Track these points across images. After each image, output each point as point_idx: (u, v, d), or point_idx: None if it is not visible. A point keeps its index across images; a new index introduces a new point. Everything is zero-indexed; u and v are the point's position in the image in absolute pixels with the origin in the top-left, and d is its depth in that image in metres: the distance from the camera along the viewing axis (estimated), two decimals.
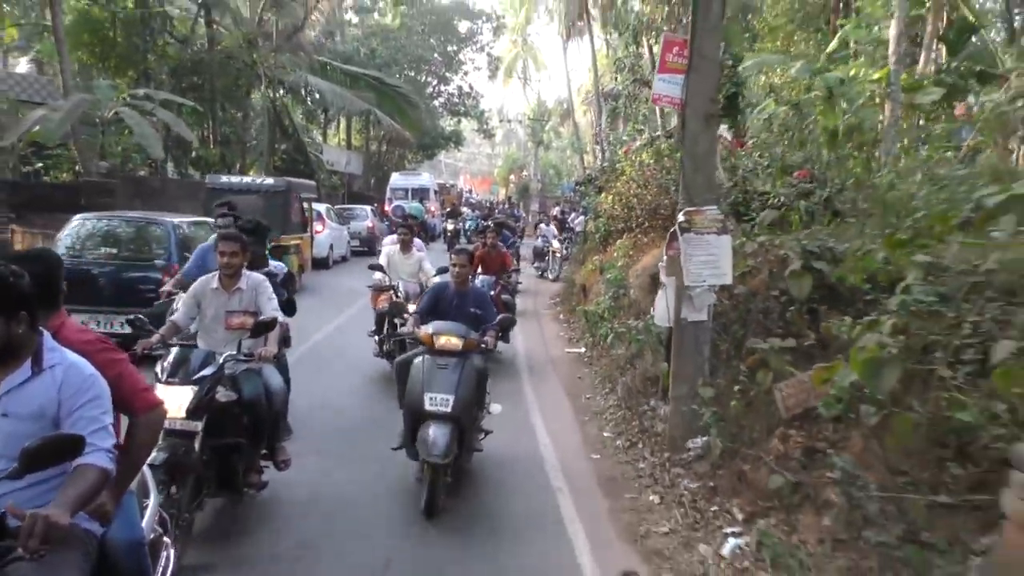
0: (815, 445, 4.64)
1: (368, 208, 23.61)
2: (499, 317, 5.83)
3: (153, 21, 19.65)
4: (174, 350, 4.32)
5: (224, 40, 22.27)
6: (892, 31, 8.84)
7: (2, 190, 13.11)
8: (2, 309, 2.29)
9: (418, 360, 5.22)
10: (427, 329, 5.32)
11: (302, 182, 15.83)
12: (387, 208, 27.54)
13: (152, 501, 3.03)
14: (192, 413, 4.01)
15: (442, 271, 8.13)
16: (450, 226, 24.09)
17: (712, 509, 4.90)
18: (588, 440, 6.72)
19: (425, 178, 31.51)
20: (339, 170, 31.57)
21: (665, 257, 6.24)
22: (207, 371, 4.18)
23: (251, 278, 4.85)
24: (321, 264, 17.70)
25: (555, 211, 29.61)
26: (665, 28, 14.77)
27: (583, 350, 10.36)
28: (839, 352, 4.56)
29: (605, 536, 4.82)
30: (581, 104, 40.19)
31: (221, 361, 4.30)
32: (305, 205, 15.27)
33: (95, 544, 2.46)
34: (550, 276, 18.90)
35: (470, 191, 46.13)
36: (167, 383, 4.05)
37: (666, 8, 15.39)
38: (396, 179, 30.84)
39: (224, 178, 14.21)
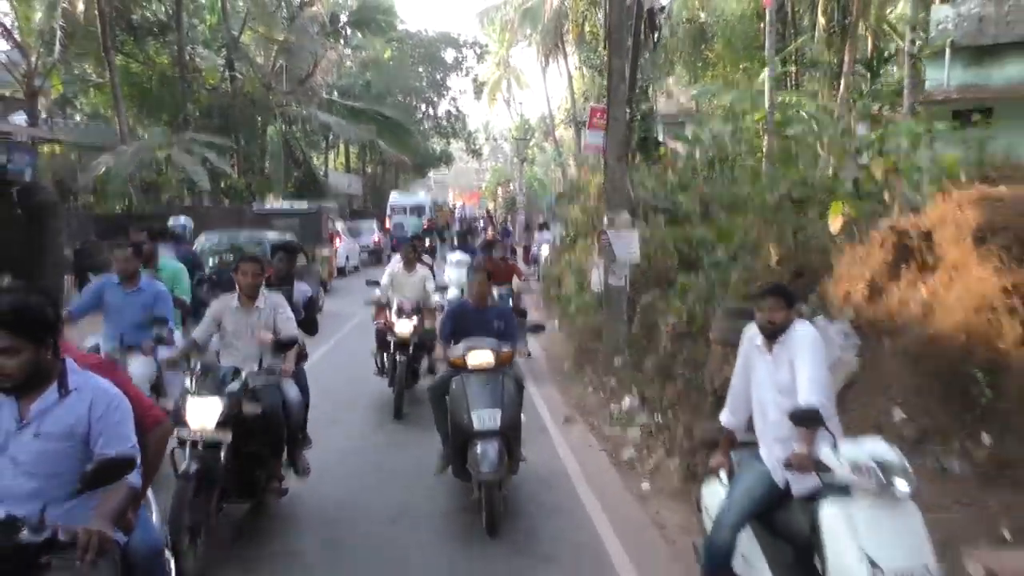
0: (680, 348, 8.04)
1: (374, 224, 27.02)
2: (530, 324, 6.22)
3: (189, 75, 23.02)
4: (199, 366, 4.65)
5: (244, 85, 25.69)
6: (767, 80, 12.28)
7: (98, 223, 16.41)
8: (34, 338, 2.44)
9: (456, 381, 5.19)
10: (457, 351, 5.31)
11: (328, 205, 19.32)
12: (388, 224, 30.94)
13: (155, 512, 3.16)
14: (221, 425, 4.32)
15: (441, 289, 8.57)
16: (427, 241, 27.31)
17: (616, 387, 8.34)
18: (552, 363, 10.20)
19: (421, 196, 34.99)
20: (342, 192, 35.02)
21: (596, 245, 9.66)
22: (234, 386, 4.48)
23: (270, 298, 5.12)
24: (339, 272, 21.09)
25: (540, 221, 33.12)
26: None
27: (555, 321, 13.75)
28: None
29: (561, 412, 8.23)
30: (560, 122, 43.67)
31: (244, 377, 4.61)
32: (329, 224, 18.70)
33: (119, 553, 2.59)
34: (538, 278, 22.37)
35: (463, 206, 49.48)
36: (199, 397, 4.37)
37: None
38: (395, 197, 34.23)
39: (269, 205, 17.66)
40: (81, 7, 20.94)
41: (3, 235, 13.24)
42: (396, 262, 8.73)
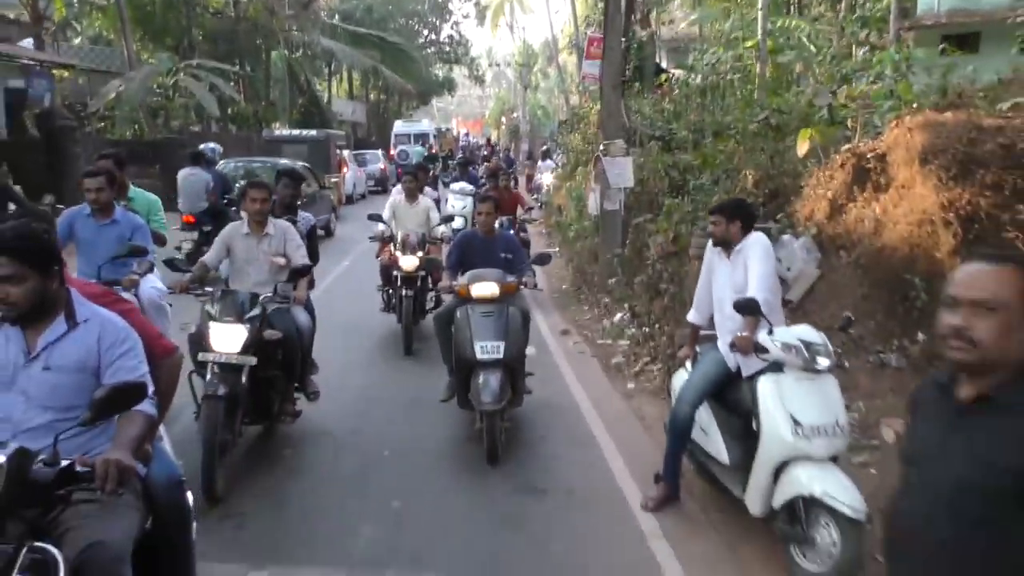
0: (666, 267, 8.71)
1: (379, 152, 27.45)
2: (536, 254, 6.10)
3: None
4: (219, 292, 4.76)
5: (248, 10, 25.75)
6: (759, 9, 12.58)
7: (113, 147, 16.93)
8: (39, 266, 2.39)
9: (461, 311, 5.20)
10: (461, 281, 5.32)
11: (336, 132, 19.81)
12: (392, 152, 31.30)
13: (167, 444, 3.14)
14: (245, 349, 4.47)
15: (447, 220, 8.32)
16: (430, 172, 27.45)
17: (609, 303, 9.07)
18: (552, 284, 10.90)
19: (425, 124, 35.23)
20: (346, 119, 35.26)
21: (593, 172, 10.25)
22: (255, 312, 4.63)
23: (278, 225, 5.19)
24: (347, 200, 21.66)
25: (544, 149, 33.47)
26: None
27: (557, 249, 14.42)
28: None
29: (559, 327, 8.97)
30: (563, 48, 43.39)
31: (262, 301, 4.74)
32: (336, 152, 19.19)
33: (140, 483, 2.55)
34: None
35: (467, 134, 49.56)
36: (223, 321, 4.52)
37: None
38: (399, 126, 34.50)
39: (277, 132, 18.17)
40: None
41: (24, 159, 13.84)
42: (397, 193, 8.35)
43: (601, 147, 9.87)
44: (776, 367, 3.94)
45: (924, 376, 5.15)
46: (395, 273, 7.58)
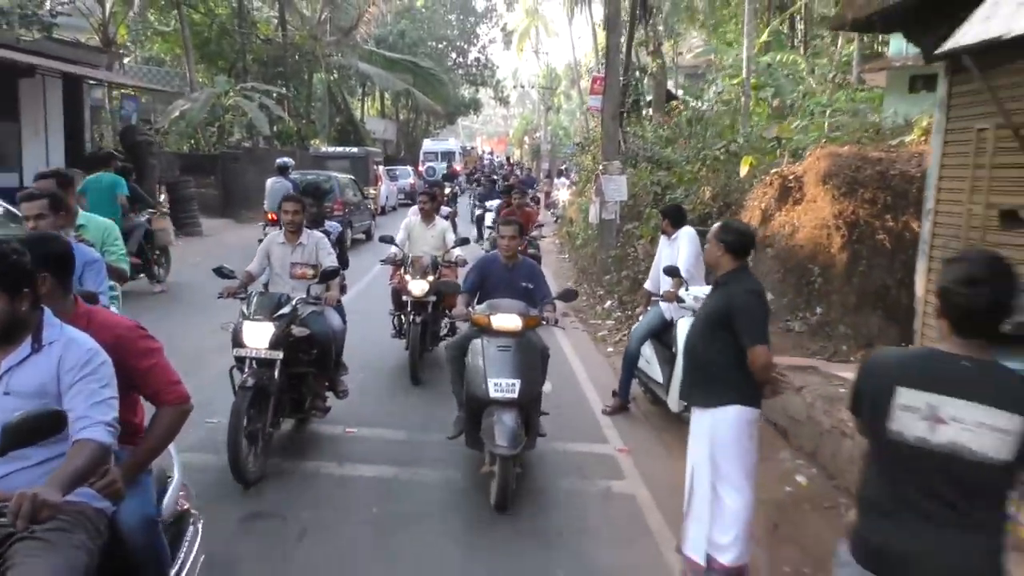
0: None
1: (409, 169, 29.75)
2: (563, 290, 5.72)
3: (247, 26, 25.61)
4: (254, 294, 5.11)
5: (294, 36, 28.24)
6: (744, 53, 14.65)
7: (182, 159, 19.30)
8: (7, 287, 2.29)
9: (476, 342, 4.90)
10: (480, 310, 5.05)
11: (374, 150, 22.16)
12: (420, 168, 33.58)
13: (176, 477, 3.04)
14: (273, 345, 4.79)
15: (462, 242, 7.84)
16: (447, 189, 27.82)
17: (602, 294, 11.12)
18: (559, 283, 12.96)
19: (451, 143, 37.59)
20: (378, 137, 37.66)
21: (594, 187, 12.33)
22: (284, 311, 4.95)
23: (312, 235, 5.59)
24: (381, 211, 23.91)
25: (562, 168, 35.79)
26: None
27: (565, 255, 16.50)
28: None
29: (560, 311, 11.02)
30: (585, 71, 45.67)
31: (294, 303, 5.05)
32: (374, 167, 21.47)
33: (105, 522, 2.43)
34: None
35: (491, 152, 51.90)
36: (253, 319, 4.86)
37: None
38: (427, 144, 36.85)
39: (324, 148, 20.48)
40: None
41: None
42: (413, 214, 8.01)
43: (600, 166, 11.96)
44: (692, 314, 5.99)
45: (816, 337, 7.19)
46: (405, 298, 7.28)
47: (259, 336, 4.81)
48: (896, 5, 5.03)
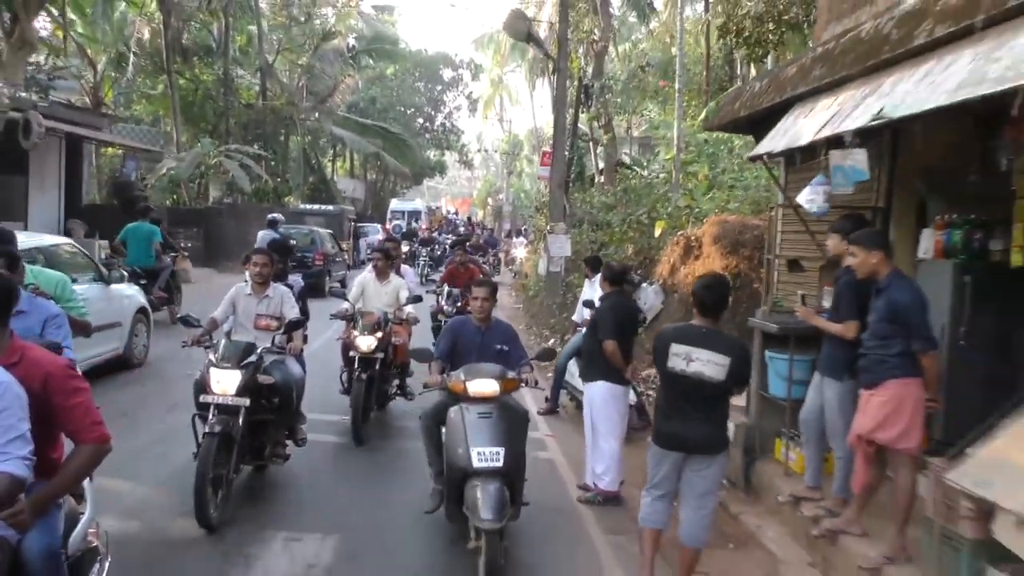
0: None
1: (378, 226, 31.74)
2: (539, 350, 5.66)
3: (231, 93, 27.70)
4: (221, 342, 5.30)
5: (273, 102, 30.38)
6: (675, 132, 17.01)
7: (170, 213, 21.02)
8: None
9: (454, 410, 4.70)
10: (457, 377, 4.84)
11: (348, 208, 24.09)
12: (388, 227, 35.57)
13: (88, 512, 3.05)
14: (240, 392, 4.97)
15: (414, 300, 7.67)
16: (405, 247, 27.10)
17: (548, 334, 13.07)
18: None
19: (418, 203, 39.77)
20: (348, 195, 39.64)
21: (543, 244, 14.41)
22: (251, 359, 5.15)
23: (278, 288, 5.85)
24: (348, 265, 25.82)
25: (521, 228, 38.19)
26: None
27: (520, 305, 18.48)
28: None
29: None
30: (546, 139, 48.51)
31: (260, 351, 5.26)
32: (348, 223, 23.41)
33: (8, 551, 2.51)
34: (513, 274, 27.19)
35: (456, 212, 54.30)
36: (221, 366, 5.04)
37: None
38: (395, 204, 38.94)
39: (303, 205, 22.34)
40: (147, 35, 25.65)
41: (107, 225, 17.81)
42: (368, 271, 8.01)
43: (548, 227, 14.04)
44: None
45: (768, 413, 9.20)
46: (352, 353, 7.15)
47: (227, 383, 4.99)
48: (732, 121, 7.20)
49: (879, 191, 6.16)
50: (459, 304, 9.67)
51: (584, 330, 8.21)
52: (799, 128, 5.49)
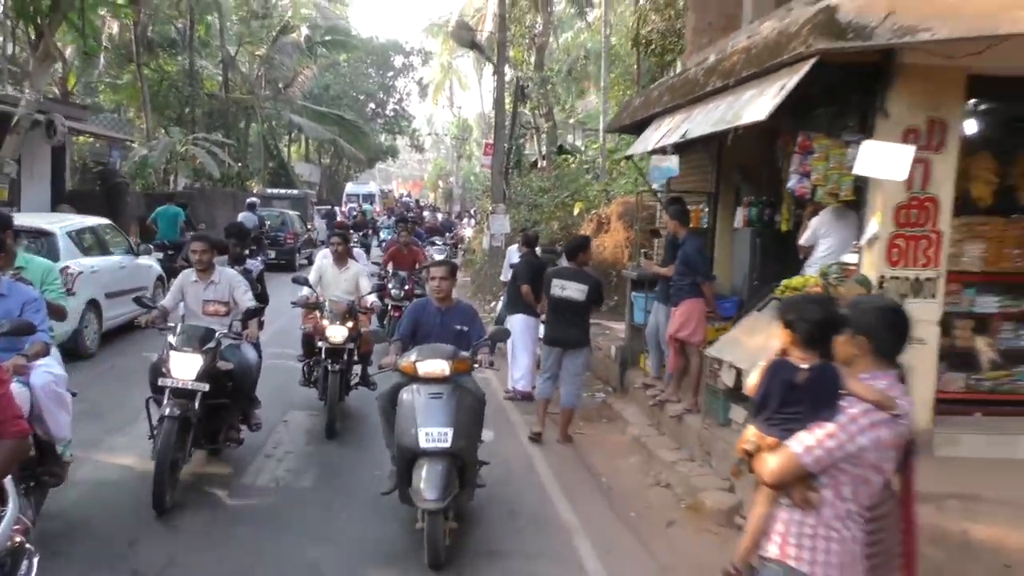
0: None
1: (336, 208, 33.82)
2: (491, 330, 5.49)
3: (196, 83, 29.40)
4: (180, 326, 5.41)
5: (235, 91, 32.10)
6: (600, 123, 19.56)
7: (148, 199, 22.84)
8: None
9: (407, 391, 4.70)
10: (409, 357, 4.79)
11: (310, 192, 26.12)
12: (343, 209, 37.59)
13: (10, 511, 2.88)
14: (200, 377, 5.09)
15: (378, 288, 7.67)
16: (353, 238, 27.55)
17: (491, 299, 15.57)
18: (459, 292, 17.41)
19: (372, 186, 41.88)
20: (305, 180, 41.48)
21: (487, 222, 16.87)
22: (211, 344, 5.26)
23: (225, 273, 5.89)
24: (313, 244, 27.93)
25: (470, 210, 40.62)
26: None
27: (468, 277, 20.90)
28: None
29: None
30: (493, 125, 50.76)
31: (218, 336, 5.37)
32: (311, 205, 25.50)
33: None
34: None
35: (409, 195, 56.25)
36: (182, 351, 5.14)
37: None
38: (350, 187, 40.93)
39: (270, 190, 24.37)
40: (116, 29, 27.26)
41: (92, 209, 19.70)
42: (324, 257, 7.77)
43: (490, 208, 16.47)
44: None
45: (614, 312, 11.86)
46: (320, 344, 6.93)
47: (187, 367, 5.06)
48: (622, 126, 9.75)
49: (712, 181, 8.78)
50: (406, 288, 9.86)
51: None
52: (649, 138, 8.04)
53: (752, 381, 2.80)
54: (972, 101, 5.86)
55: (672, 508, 5.61)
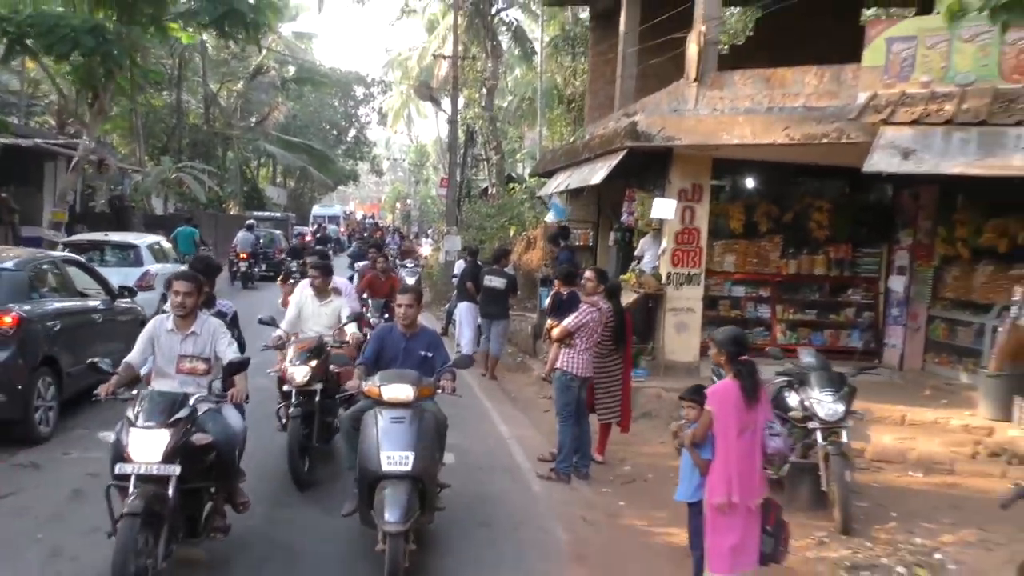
0: None
1: (308, 229, 37.51)
2: (455, 358, 5.47)
3: (183, 116, 32.97)
4: (143, 393, 4.35)
5: (215, 123, 35.71)
6: (538, 154, 23.73)
7: (145, 219, 26.32)
8: None
9: (370, 414, 4.80)
10: (373, 382, 4.87)
11: (290, 214, 29.74)
12: (310, 229, 41.23)
13: None
14: (168, 457, 4.03)
15: (355, 319, 7.04)
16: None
17: (443, 309, 19.63)
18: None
19: (337, 208, 45.68)
20: (274, 202, 45.03)
21: (443, 242, 20.89)
22: (182, 414, 4.21)
23: (208, 323, 4.78)
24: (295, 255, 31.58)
25: (428, 231, 44.58)
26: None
27: (426, 287, 24.82)
28: None
29: None
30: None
31: (193, 403, 4.33)
32: (291, 227, 29.20)
33: None
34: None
35: (372, 217, 59.88)
36: (143, 426, 4.09)
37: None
38: (317, 209, 44.62)
39: (257, 213, 28.01)
40: None
41: (105, 229, 23.22)
42: (304, 289, 7.14)
43: (444, 230, 20.49)
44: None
45: (543, 318, 16.04)
46: (287, 387, 6.35)
47: (150, 447, 4.05)
48: (540, 172, 13.88)
49: (595, 214, 12.98)
50: (386, 317, 9.67)
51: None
52: (550, 184, 12.20)
53: (546, 303, 6.88)
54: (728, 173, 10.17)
55: (547, 405, 9.61)
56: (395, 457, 4.49)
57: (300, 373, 6.14)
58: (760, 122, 8.86)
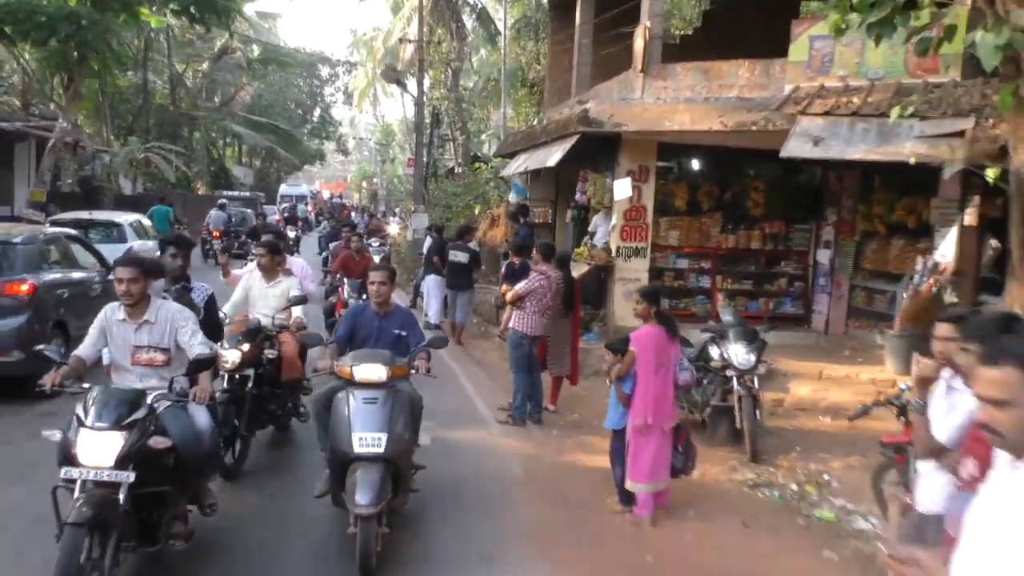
0: None
1: (276, 207, 37.95)
2: (429, 337, 5.37)
3: (150, 96, 33.16)
4: (95, 388, 3.97)
5: (181, 104, 35.90)
6: (502, 135, 24.59)
7: (116, 200, 26.66)
8: None
9: (341, 395, 4.70)
10: (344, 362, 4.78)
11: (259, 193, 30.30)
12: (278, 208, 41.60)
13: None
14: (121, 463, 3.69)
15: (299, 302, 6.54)
16: (291, 233, 23.40)
17: (413, 279, 20.51)
18: None
19: (303, 188, 46.07)
20: (241, 181, 45.26)
21: (410, 220, 21.72)
22: (138, 414, 3.85)
23: (165, 309, 4.42)
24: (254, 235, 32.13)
25: (396, 210, 45.20)
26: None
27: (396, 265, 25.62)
28: None
29: None
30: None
31: (150, 402, 3.99)
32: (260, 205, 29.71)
33: None
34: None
35: (340, 196, 60.16)
36: (94, 428, 3.73)
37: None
38: (284, 188, 44.96)
39: (227, 192, 28.51)
40: None
41: (75, 208, 23.60)
42: (251, 270, 6.93)
43: (411, 208, 21.30)
44: None
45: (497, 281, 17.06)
46: (221, 372, 5.72)
47: (101, 450, 3.68)
48: (503, 153, 14.77)
49: (553, 193, 13.93)
50: (364, 297, 8.77)
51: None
52: (510, 165, 13.11)
53: (502, 271, 7.83)
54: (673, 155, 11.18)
55: (508, 367, 10.59)
56: (367, 439, 4.41)
57: (231, 357, 5.72)
58: (699, 110, 9.86)
